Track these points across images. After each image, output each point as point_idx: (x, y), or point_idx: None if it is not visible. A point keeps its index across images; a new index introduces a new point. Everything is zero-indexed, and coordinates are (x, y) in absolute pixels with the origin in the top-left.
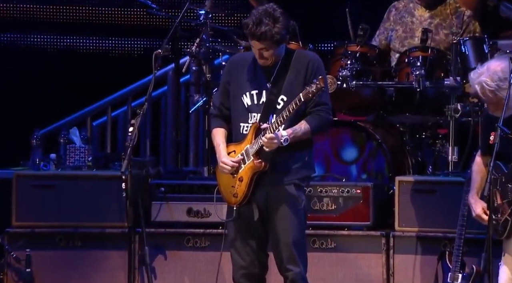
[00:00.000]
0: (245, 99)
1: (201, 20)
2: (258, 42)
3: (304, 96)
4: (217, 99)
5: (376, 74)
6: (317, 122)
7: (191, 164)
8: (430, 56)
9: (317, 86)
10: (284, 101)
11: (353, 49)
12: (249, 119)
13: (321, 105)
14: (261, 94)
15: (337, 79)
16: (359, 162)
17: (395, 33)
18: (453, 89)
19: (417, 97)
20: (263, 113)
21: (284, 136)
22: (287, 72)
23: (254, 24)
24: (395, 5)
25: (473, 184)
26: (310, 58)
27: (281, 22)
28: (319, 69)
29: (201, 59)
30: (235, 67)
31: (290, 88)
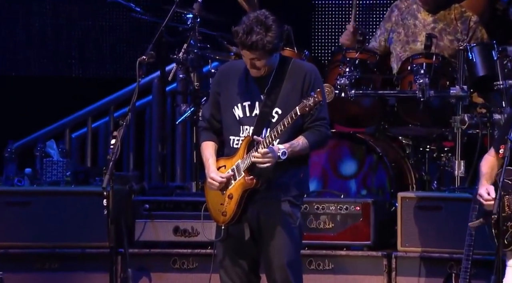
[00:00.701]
0: (236, 111)
1: (188, 24)
2: (249, 52)
3: (300, 110)
4: (207, 111)
5: (377, 82)
6: (316, 138)
7: (178, 179)
8: (435, 63)
9: (315, 99)
10: (279, 114)
11: (352, 55)
12: (241, 132)
13: (320, 120)
14: (254, 106)
15: (335, 87)
16: (358, 177)
17: (397, 36)
18: (459, 99)
19: (421, 107)
20: (256, 126)
21: (281, 149)
22: (282, 83)
23: (245, 33)
24: (397, 4)
25: (481, 175)
26: (307, 69)
27: (274, 31)
28: (317, 81)
29: (188, 66)
30: (225, 77)
31: (286, 100)
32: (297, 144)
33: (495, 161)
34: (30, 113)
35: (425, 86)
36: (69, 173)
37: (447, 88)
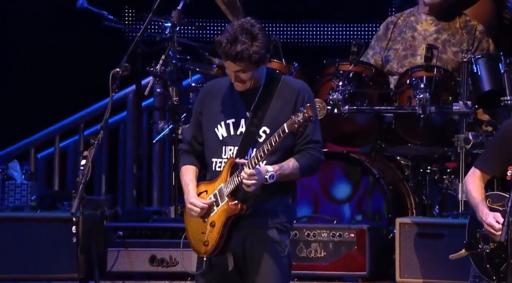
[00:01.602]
0: (219, 130)
1: (167, 33)
2: (234, 63)
3: (289, 127)
4: (189, 133)
5: (373, 97)
6: (308, 162)
7: (155, 204)
8: (436, 77)
9: (305, 115)
10: (267, 134)
11: (346, 68)
12: (224, 153)
13: (313, 143)
14: (239, 124)
15: (327, 103)
16: (353, 201)
17: (394, 53)
18: (463, 116)
19: (421, 125)
20: (241, 146)
21: (270, 172)
22: (271, 100)
23: (229, 42)
24: (393, 20)
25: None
26: (300, 88)
27: (260, 40)
28: (310, 100)
29: (166, 79)
30: (208, 95)
31: (275, 119)
32: (286, 167)
33: (482, 184)
34: None
35: (425, 101)
36: (34, 197)
37: (449, 104)
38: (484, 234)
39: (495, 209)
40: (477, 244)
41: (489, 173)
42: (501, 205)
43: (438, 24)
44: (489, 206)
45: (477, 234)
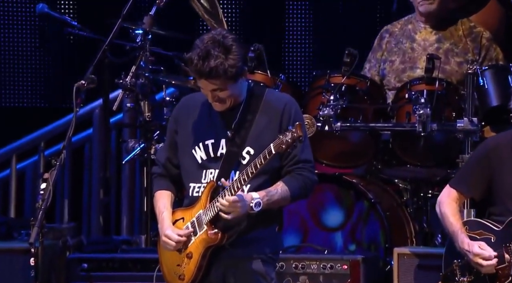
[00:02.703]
0: (197, 152)
1: (138, 42)
2: (209, 82)
3: (276, 147)
4: (162, 154)
5: (368, 113)
6: (299, 184)
7: (124, 232)
8: (438, 90)
9: (293, 134)
10: (251, 155)
11: (338, 80)
12: (203, 177)
13: (302, 163)
14: (219, 145)
15: (317, 119)
16: (345, 229)
17: (390, 66)
18: (468, 134)
19: (421, 144)
20: (222, 169)
21: (256, 199)
22: (255, 116)
23: (200, 59)
24: (388, 29)
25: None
26: (285, 102)
27: (235, 52)
28: (297, 115)
29: (138, 93)
30: (184, 112)
31: (259, 138)
32: (275, 192)
33: (458, 207)
34: None
35: (426, 118)
36: None
37: (453, 121)
38: (461, 265)
39: (473, 238)
40: (454, 276)
41: (467, 195)
42: (480, 233)
43: (439, 32)
44: (467, 234)
45: (453, 265)
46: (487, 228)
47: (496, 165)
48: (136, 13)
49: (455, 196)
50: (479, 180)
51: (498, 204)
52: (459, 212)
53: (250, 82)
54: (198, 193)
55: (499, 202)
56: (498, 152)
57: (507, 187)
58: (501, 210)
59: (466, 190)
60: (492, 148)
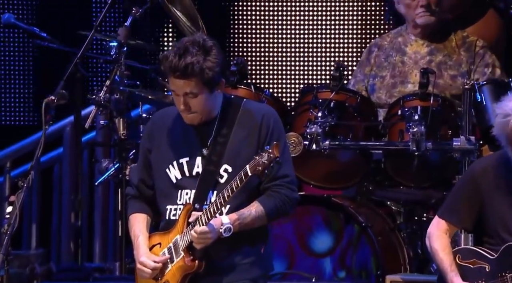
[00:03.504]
0: (172, 171)
1: (112, 55)
2: (183, 80)
3: (252, 169)
4: (136, 175)
5: (358, 131)
6: (275, 203)
7: (97, 259)
8: (433, 107)
9: (270, 155)
10: (229, 173)
11: (326, 96)
12: (179, 198)
13: (280, 179)
14: (194, 163)
15: (304, 137)
16: (335, 254)
17: (380, 82)
18: (465, 153)
19: (415, 164)
20: (198, 189)
21: (225, 225)
22: (231, 131)
23: (177, 55)
24: (377, 43)
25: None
26: (264, 113)
27: (215, 55)
28: (276, 128)
29: (112, 109)
30: (157, 129)
31: (237, 154)
32: (247, 214)
33: (449, 239)
34: None
35: (420, 136)
36: None
37: (449, 139)
38: None
39: (466, 267)
40: None
41: (457, 226)
42: (473, 262)
43: (431, 44)
44: (459, 263)
45: None
46: (481, 256)
47: (485, 190)
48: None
49: (445, 228)
50: (468, 208)
51: (491, 232)
52: (450, 246)
53: (227, 95)
54: (175, 216)
55: (492, 230)
56: (486, 176)
57: (498, 212)
58: (494, 238)
59: (456, 220)
60: (480, 172)
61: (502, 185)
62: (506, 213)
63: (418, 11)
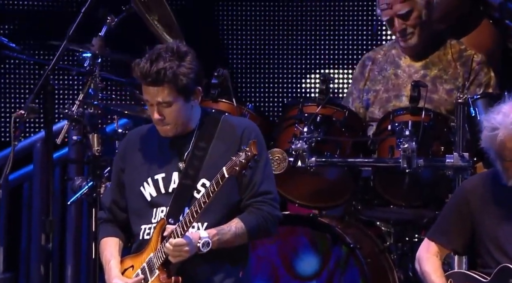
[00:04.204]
0: (147, 188)
1: (86, 66)
2: (155, 87)
3: (229, 171)
4: (108, 197)
5: (346, 147)
6: (257, 221)
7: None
8: (425, 122)
9: (247, 154)
10: (207, 187)
11: (312, 110)
12: (153, 216)
13: (262, 195)
14: (171, 179)
15: (289, 154)
16: (321, 277)
17: (374, 96)
18: (458, 171)
19: (406, 182)
20: (173, 205)
21: (204, 238)
22: (210, 145)
23: (148, 60)
24: (370, 56)
25: None
26: (244, 127)
27: (189, 62)
28: (258, 140)
29: (86, 124)
30: (130, 147)
31: (216, 169)
32: (227, 230)
33: (440, 262)
34: None
35: (411, 152)
36: None
37: (441, 156)
38: None
39: None
40: None
41: (448, 247)
42: None
43: (426, 57)
44: None
45: None
46: (474, 280)
47: (475, 208)
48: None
49: (435, 250)
50: (459, 228)
51: (483, 252)
52: (441, 269)
53: (205, 108)
54: (149, 235)
55: (484, 250)
56: (476, 193)
57: (489, 230)
58: (487, 259)
59: (446, 242)
60: (470, 190)
61: (491, 202)
62: (497, 230)
63: (396, 36)
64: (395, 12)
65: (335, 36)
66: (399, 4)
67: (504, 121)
